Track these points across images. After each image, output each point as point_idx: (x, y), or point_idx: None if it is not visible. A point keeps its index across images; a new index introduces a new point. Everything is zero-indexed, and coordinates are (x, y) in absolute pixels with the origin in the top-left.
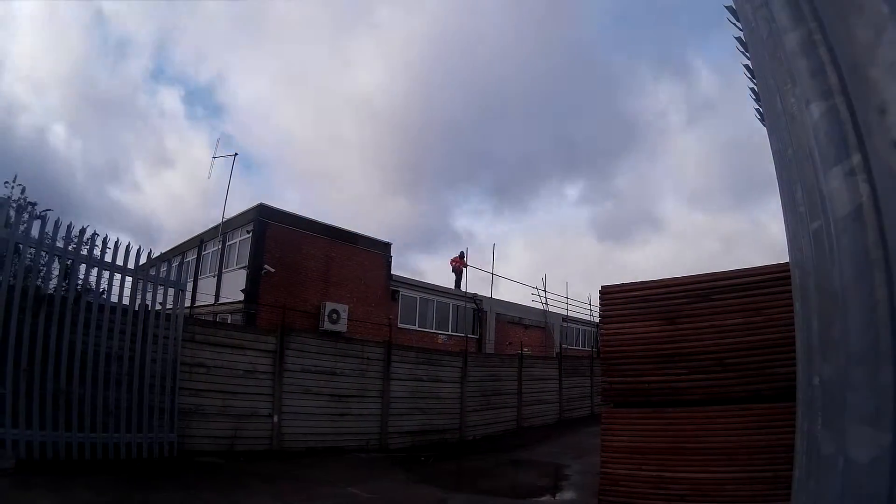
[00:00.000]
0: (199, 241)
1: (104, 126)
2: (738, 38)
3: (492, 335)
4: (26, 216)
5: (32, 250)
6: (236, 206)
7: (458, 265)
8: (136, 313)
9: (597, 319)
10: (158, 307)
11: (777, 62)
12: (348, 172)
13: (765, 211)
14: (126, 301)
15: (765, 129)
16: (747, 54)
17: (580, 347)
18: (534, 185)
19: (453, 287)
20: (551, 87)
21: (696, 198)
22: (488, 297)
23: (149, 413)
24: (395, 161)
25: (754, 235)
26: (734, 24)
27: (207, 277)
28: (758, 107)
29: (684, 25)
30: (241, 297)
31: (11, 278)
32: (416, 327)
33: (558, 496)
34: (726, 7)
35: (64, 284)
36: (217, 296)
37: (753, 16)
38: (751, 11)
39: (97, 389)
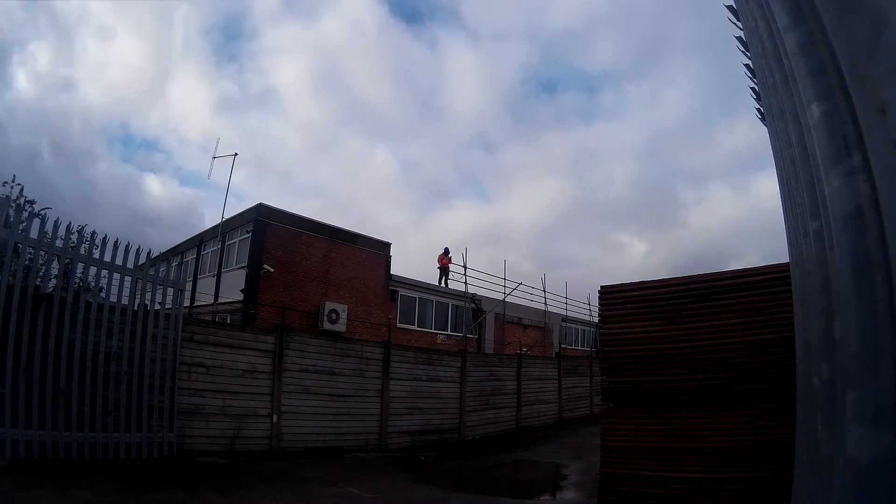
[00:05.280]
0: (199, 241)
1: None
2: (739, 38)
3: (491, 335)
4: (26, 214)
5: (32, 250)
6: None
7: (444, 262)
8: (135, 313)
9: (596, 319)
10: (158, 307)
11: (777, 62)
12: None
13: None
14: (125, 300)
15: (765, 128)
16: (747, 54)
17: (579, 347)
18: None
19: (437, 284)
20: None
21: None
22: (487, 297)
23: (148, 413)
24: None
25: None
26: (734, 24)
27: (207, 277)
28: (758, 106)
29: None
30: (241, 296)
31: (10, 278)
32: (415, 327)
33: (558, 496)
34: (727, 7)
35: (63, 284)
36: (216, 295)
37: (753, 15)
38: (751, 11)
39: (96, 389)
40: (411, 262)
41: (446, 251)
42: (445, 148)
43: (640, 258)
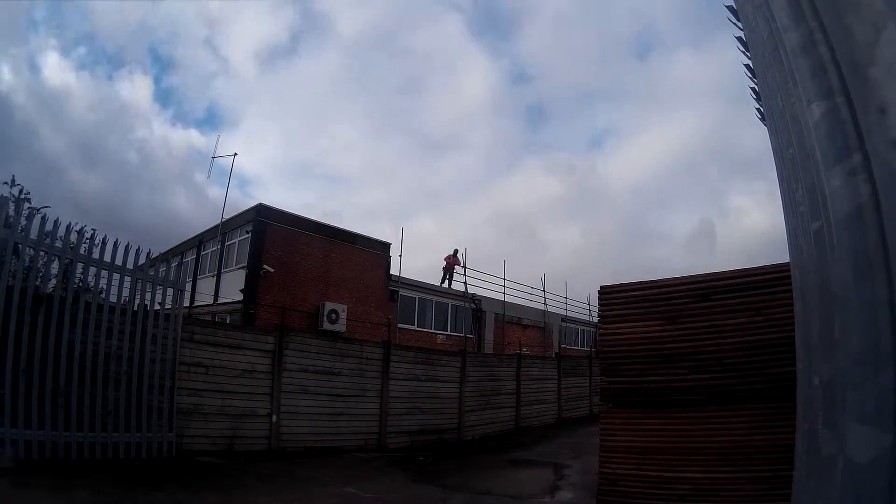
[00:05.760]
0: (199, 241)
1: None
2: (739, 38)
3: (490, 335)
4: (25, 214)
5: (32, 250)
6: None
7: (451, 263)
8: (134, 313)
9: (595, 319)
10: (157, 307)
11: (777, 62)
12: None
13: None
14: (125, 301)
15: (765, 128)
16: (748, 54)
17: (579, 347)
18: None
19: (439, 284)
20: None
21: None
22: (487, 297)
23: (147, 413)
24: None
25: None
26: (734, 24)
27: (206, 277)
28: (758, 106)
29: None
30: (240, 296)
31: (10, 278)
32: (414, 327)
33: (557, 496)
34: (727, 7)
35: (63, 284)
36: (216, 296)
37: (754, 15)
38: (751, 11)
39: (96, 389)
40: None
41: (455, 252)
42: (583, 49)
43: (750, 232)
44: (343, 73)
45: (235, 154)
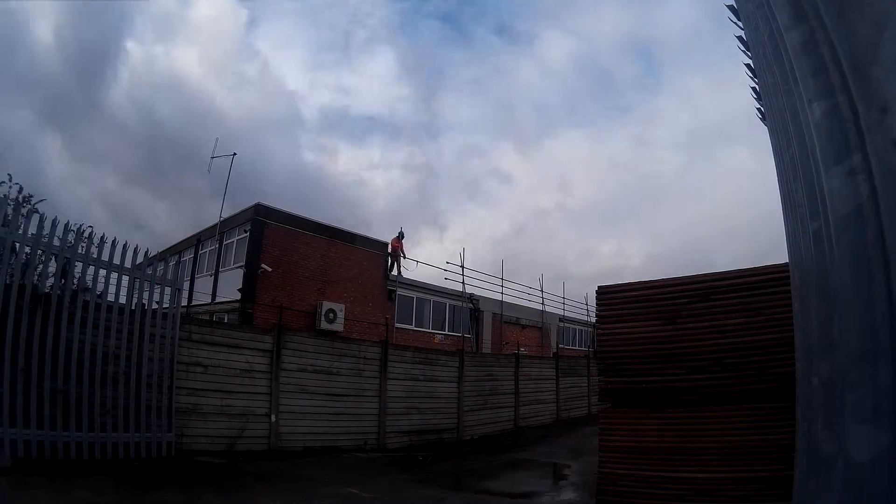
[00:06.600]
0: (197, 241)
1: None
2: (740, 38)
3: (488, 335)
4: (24, 212)
5: (29, 248)
6: None
7: (396, 247)
8: (132, 312)
9: (593, 319)
10: (155, 306)
11: (778, 61)
12: None
13: None
14: (123, 300)
15: (766, 128)
16: (748, 53)
17: (577, 347)
18: None
19: (389, 273)
20: None
21: None
22: (485, 297)
23: (146, 412)
24: None
25: None
26: (735, 24)
27: (204, 276)
28: (759, 106)
29: None
30: (238, 296)
31: (8, 277)
32: (412, 327)
33: (557, 496)
34: (727, 6)
35: (61, 283)
36: (214, 295)
37: (754, 15)
38: (752, 10)
39: (94, 388)
40: None
41: (400, 235)
42: None
43: None
44: None
45: (234, 154)
